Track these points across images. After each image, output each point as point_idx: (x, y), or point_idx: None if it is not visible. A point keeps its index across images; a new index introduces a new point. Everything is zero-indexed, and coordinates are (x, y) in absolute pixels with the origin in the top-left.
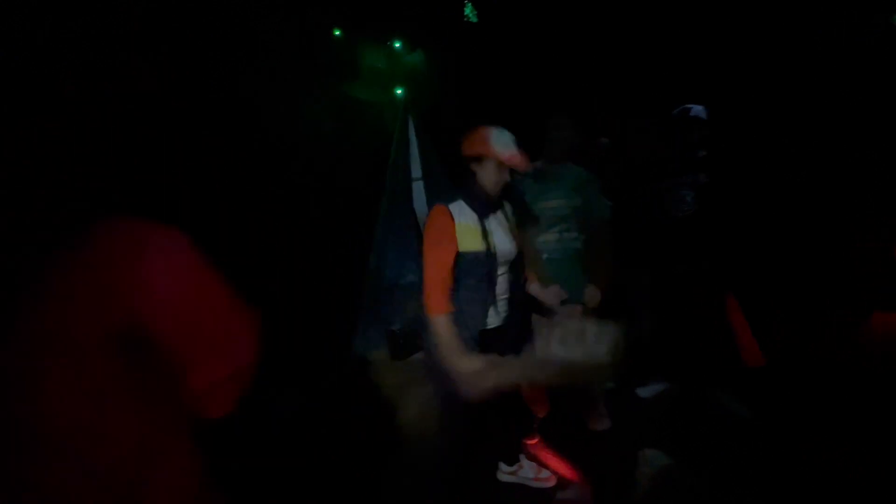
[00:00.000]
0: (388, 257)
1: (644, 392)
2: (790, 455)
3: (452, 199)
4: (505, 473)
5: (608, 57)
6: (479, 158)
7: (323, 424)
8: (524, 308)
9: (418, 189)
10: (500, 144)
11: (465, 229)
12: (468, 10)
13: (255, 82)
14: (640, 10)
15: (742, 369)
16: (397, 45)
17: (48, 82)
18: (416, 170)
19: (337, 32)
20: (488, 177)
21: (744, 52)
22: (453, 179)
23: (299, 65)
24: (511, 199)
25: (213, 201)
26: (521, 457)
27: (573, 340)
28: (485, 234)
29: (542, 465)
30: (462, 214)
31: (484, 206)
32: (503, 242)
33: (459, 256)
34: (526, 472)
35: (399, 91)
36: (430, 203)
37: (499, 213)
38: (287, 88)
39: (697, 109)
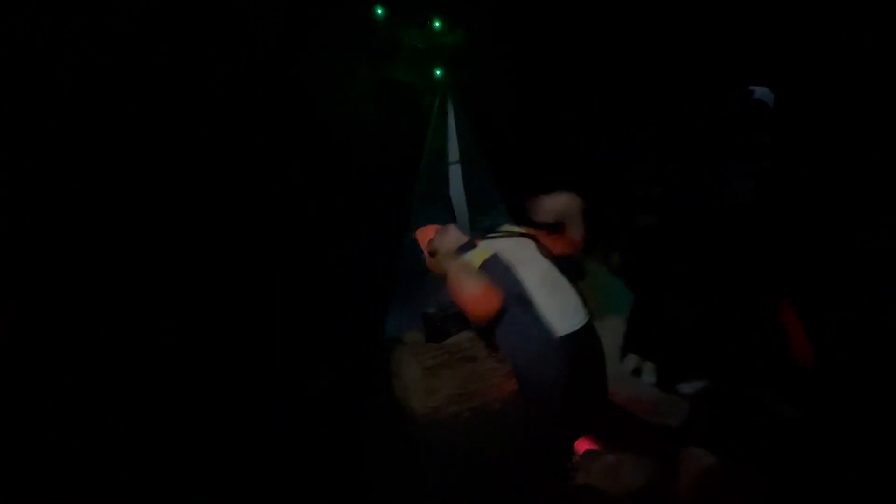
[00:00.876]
0: None
1: (686, 388)
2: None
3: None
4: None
5: (659, 38)
6: None
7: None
8: None
9: (455, 173)
10: None
11: None
12: None
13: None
14: None
15: (792, 369)
16: (437, 23)
17: (48, 82)
18: (454, 153)
19: (379, 10)
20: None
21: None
22: (492, 164)
23: (333, 46)
24: None
25: (213, 198)
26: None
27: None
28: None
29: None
30: None
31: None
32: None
33: None
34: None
35: (438, 72)
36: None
37: None
38: (320, 71)
39: (762, 92)
